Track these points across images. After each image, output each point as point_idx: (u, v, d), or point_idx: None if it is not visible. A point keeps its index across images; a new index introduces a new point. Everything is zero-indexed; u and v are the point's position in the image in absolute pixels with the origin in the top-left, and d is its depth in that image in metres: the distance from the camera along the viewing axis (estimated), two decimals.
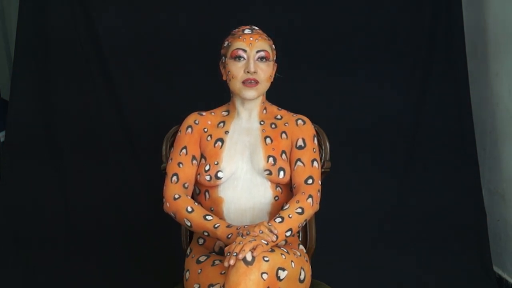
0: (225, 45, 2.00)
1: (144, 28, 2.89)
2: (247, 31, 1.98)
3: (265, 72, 1.95)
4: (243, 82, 1.93)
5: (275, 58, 2.02)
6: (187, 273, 1.91)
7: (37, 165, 2.91)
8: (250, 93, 1.95)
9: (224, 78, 2.01)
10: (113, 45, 2.87)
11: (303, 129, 2.02)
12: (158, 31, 2.89)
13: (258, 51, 1.94)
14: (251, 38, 1.94)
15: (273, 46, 2.01)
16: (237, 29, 2.00)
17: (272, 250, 1.71)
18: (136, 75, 2.90)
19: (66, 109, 2.90)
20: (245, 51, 1.93)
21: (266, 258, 1.66)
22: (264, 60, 1.94)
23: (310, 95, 2.92)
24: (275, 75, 2.01)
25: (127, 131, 2.92)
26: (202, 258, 1.89)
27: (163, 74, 2.92)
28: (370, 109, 2.98)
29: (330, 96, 2.95)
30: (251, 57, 1.93)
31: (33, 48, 2.87)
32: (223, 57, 2.00)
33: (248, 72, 1.92)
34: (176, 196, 1.90)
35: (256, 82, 1.93)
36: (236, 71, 1.94)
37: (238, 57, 1.94)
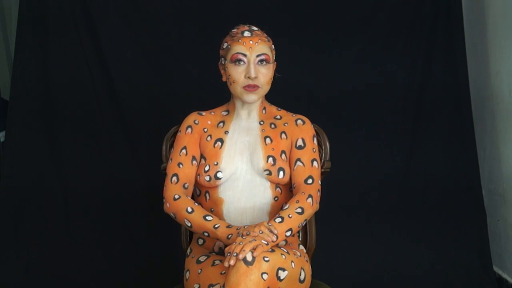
0: (224, 46, 1.98)
1: (144, 28, 2.89)
2: (246, 33, 1.94)
3: (265, 76, 1.93)
4: (244, 87, 1.93)
5: (274, 58, 2.01)
6: (187, 273, 1.91)
7: (37, 165, 2.91)
8: (251, 97, 1.94)
9: (224, 79, 2.00)
10: (113, 45, 2.87)
11: (302, 129, 2.01)
12: (158, 31, 2.90)
13: (258, 55, 1.92)
14: (251, 42, 1.92)
15: (273, 47, 1.99)
16: (235, 30, 1.97)
17: (272, 250, 1.71)
18: (136, 75, 2.90)
19: (66, 109, 2.91)
20: (245, 55, 1.91)
21: (266, 258, 1.66)
22: (264, 63, 1.93)
23: (310, 95, 2.92)
24: (274, 75, 2.00)
25: (127, 131, 2.92)
26: (202, 258, 1.89)
27: (163, 74, 2.92)
28: (370, 109, 2.98)
29: (330, 96, 2.95)
30: (251, 62, 1.91)
31: (33, 48, 2.87)
32: (222, 59, 1.98)
33: (248, 77, 1.91)
34: (176, 196, 1.90)
35: (257, 86, 1.92)
36: (237, 75, 1.92)
37: (238, 61, 1.92)
